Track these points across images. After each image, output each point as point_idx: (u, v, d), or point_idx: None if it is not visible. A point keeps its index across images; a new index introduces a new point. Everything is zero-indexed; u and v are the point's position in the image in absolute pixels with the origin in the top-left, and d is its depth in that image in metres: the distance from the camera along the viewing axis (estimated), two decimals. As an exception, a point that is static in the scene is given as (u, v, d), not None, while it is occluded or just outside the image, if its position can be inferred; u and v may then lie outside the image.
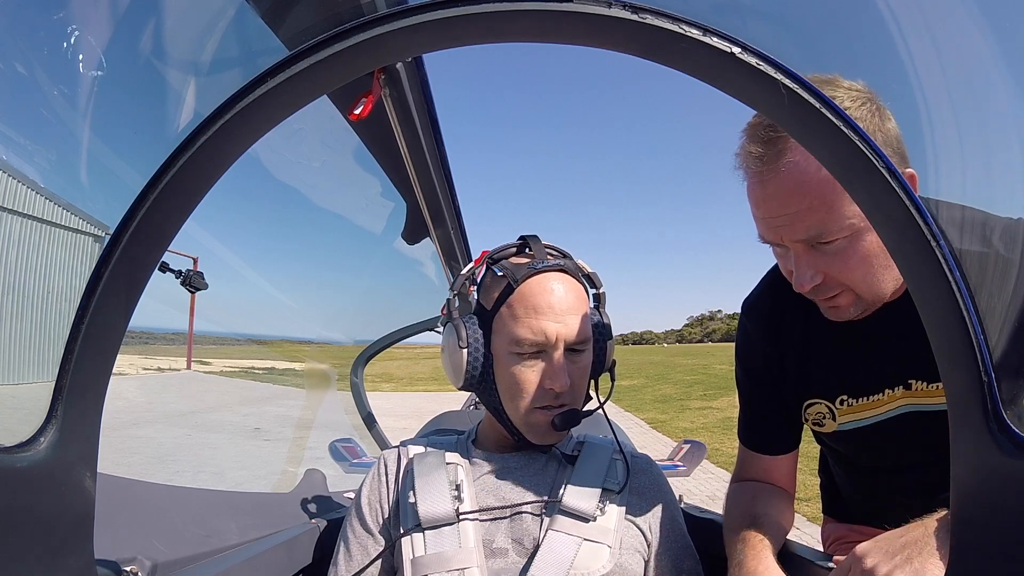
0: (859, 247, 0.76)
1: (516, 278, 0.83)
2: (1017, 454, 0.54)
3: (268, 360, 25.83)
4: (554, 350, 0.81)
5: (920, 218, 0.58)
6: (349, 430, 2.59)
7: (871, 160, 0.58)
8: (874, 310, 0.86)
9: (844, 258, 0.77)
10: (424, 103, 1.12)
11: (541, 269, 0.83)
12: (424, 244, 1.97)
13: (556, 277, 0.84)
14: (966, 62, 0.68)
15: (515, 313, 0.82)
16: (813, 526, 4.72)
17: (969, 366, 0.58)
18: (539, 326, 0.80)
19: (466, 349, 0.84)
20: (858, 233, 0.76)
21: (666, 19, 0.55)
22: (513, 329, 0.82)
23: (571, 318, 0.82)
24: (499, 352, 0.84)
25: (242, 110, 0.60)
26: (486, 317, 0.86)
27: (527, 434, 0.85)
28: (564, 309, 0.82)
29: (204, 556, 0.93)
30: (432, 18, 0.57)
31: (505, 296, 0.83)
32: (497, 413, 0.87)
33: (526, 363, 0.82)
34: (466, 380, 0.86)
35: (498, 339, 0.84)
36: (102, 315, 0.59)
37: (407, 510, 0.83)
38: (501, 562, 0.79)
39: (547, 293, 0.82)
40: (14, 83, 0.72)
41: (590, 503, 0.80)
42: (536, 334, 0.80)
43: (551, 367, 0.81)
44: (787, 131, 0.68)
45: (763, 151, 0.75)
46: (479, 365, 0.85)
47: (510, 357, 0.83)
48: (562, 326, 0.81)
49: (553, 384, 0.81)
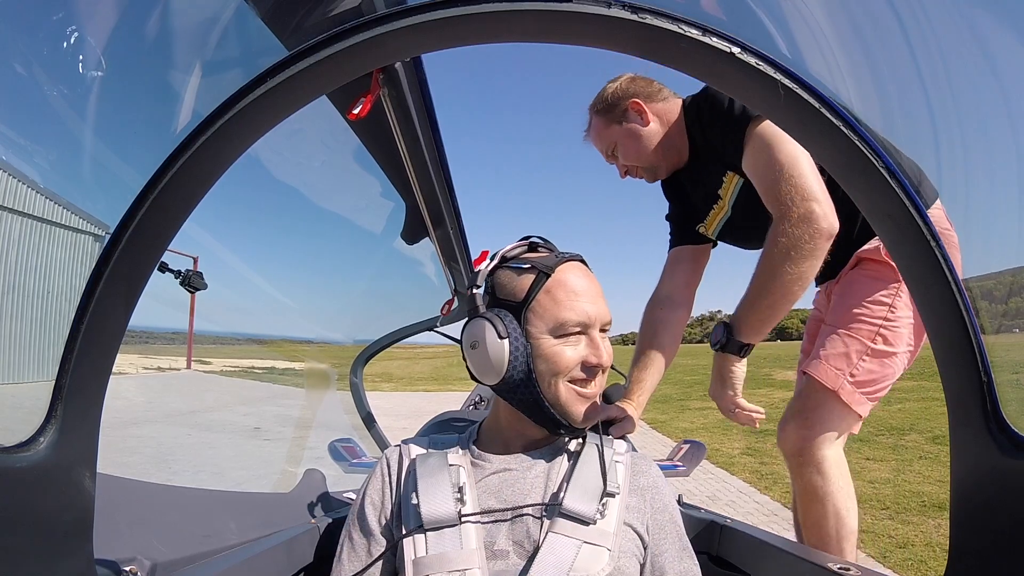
0: (629, 151, 1.55)
1: (549, 266, 0.87)
2: (1016, 454, 0.54)
3: (268, 360, 25.84)
4: (593, 329, 0.87)
5: (920, 218, 0.59)
6: (349, 430, 2.58)
7: (871, 160, 0.58)
8: (676, 168, 1.59)
9: (624, 156, 1.57)
10: (423, 103, 1.12)
11: (569, 258, 0.90)
12: (423, 244, 1.97)
13: (580, 266, 0.91)
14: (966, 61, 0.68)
15: (556, 298, 0.86)
16: (813, 526, 4.72)
17: (969, 366, 0.58)
18: (581, 307, 0.85)
19: (507, 339, 0.83)
20: (625, 144, 1.56)
21: (666, 19, 0.55)
22: (556, 313, 0.85)
23: (602, 301, 0.89)
24: (539, 338, 0.86)
25: (242, 110, 0.60)
26: (517, 308, 0.87)
27: (570, 416, 0.86)
28: (596, 293, 0.88)
29: (204, 556, 0.93)
30: (432, 18, 0.57)
31: (538, 285, 0.86)
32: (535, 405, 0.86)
33: (569, 343, 0.86)
34: (508, 371, 0.84)
35: (538, 325, 0.86)
36: (102, 315, 0.59)
37: (409, 511, 0.83)
38: (502, 564, 0.79)
39: (581, 278, 0.88)
40: (14, 83, 0.72)
41: (590, 506, 0.81)
42: (579, 315, 0.85)
43: (593, 344, 0.87)
44: (787, 131, 0.68)
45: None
46: (520, 355, 0.84)
47: (553, 340, 0.86)
48: (597, 308, 0.87)
49: (599, 359, 0.86)
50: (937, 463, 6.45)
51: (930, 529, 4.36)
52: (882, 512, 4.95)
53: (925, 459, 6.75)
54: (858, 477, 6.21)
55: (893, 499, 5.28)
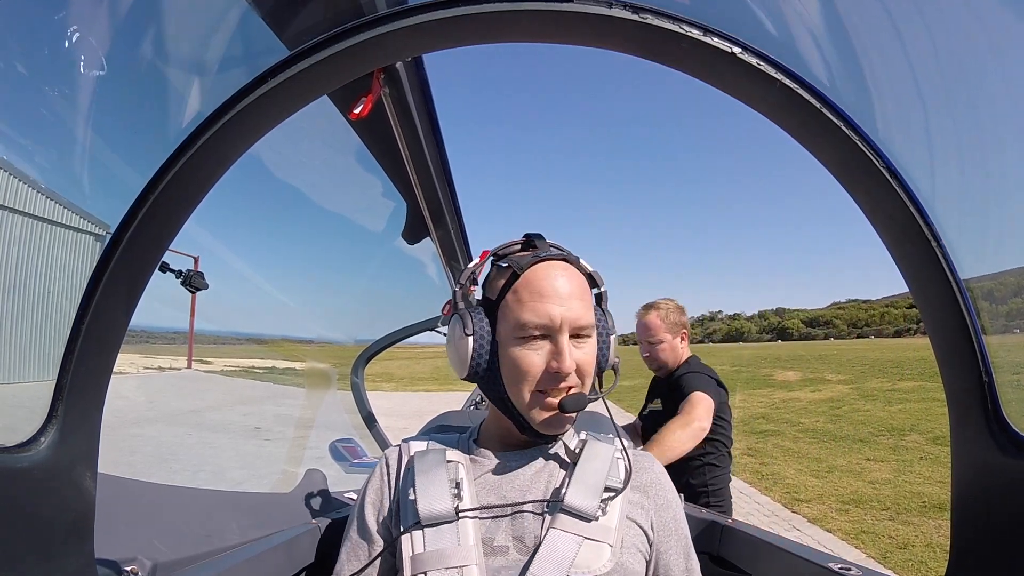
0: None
1: (520, 266, 0.84)
2: (1016, 453, 0.54)
3: (269, 359, 25.83)
4: (559, 334, 0.82)
5: (920, 218, 0.59)
6: (349, 430, 2.58)
7: (871, 160, 0.58)
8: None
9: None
10: (424, 103, 1.12)
11: (544, 257, 0.85)
12: (424, 244, 1.97)
13: (559, 265, 0.86)
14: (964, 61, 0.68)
15: (520, 298, 0.83)
16: (813, 527, 4.72)
17: (969, 366, 0.58)
18: (544, 309, 0.81)
19: (471, 336, 0.85)
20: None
21: (667, 19, 0.55)
22: (518, 314, 0.83)
23: (574, 303, 0.83)
24: (504, 338, 0.85)
25: (243, 110, 0.60)
26: (491, 307, 0.88)
27: (533, 422, 0.84)
28: (567, 294, 0.83)
29: (204, 556, 0.93)
30: (432, 18, 0.57)
31: (510, 284, 0.85)
32: (503, 403, 0.87)
33: (531, 346, 0.82)
34: (471, 368, 0.86)
35: (503, 326, 0.85)
36: (103, 315, 0.59)
37: (407, 507, 0.83)
38: (502, 560, 0.79)
39: (551, 279, 0.83)
40: (15, 83, 0.72)
41: (591, 502, 0.80)
42: (541, 316, 0.81)
43: (556, 349, 0.82)
44: (787, 131, 0.68)
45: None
46: (484, 352, 0.86)
47: (516, 342, 0.83)
48: (566, 310, 0.82)
49: (560, 366, 0.81)
50: (938, 464, 6.44)
51: (931, 530, 4.35)
52: (883, 513, 4.94)
53: (926, 460, 6.74)
54: (859, 478, 6.21)
55: (894, 500, 5.27)
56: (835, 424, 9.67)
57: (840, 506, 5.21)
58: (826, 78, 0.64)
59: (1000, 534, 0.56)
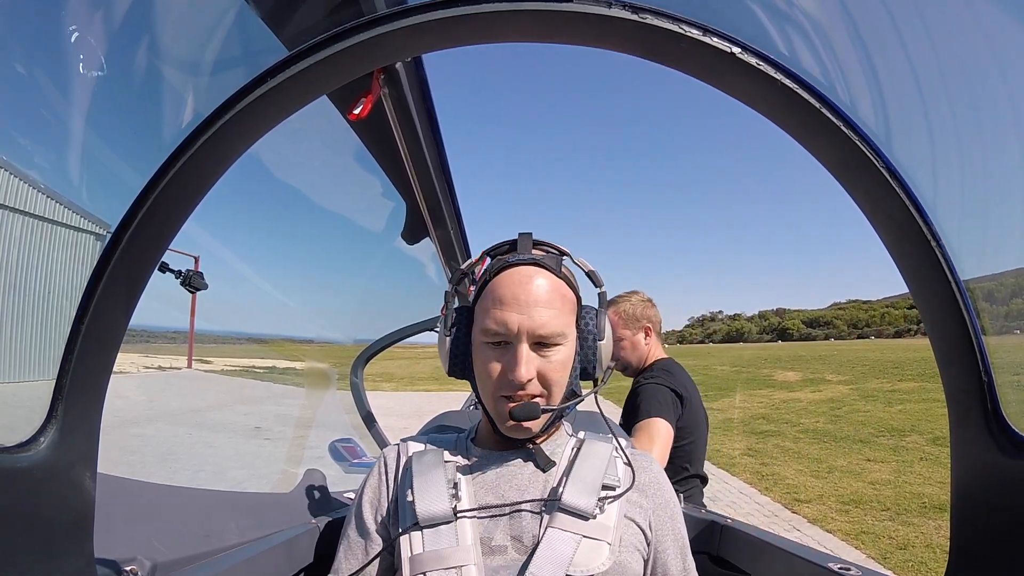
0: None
1: (493, 271, 0.85)
2: (1016, 453, 0.54)
3: (269, 359, 25.84)
4: (518, 342, 0.81)
5: (920, 218, 0.58)
6: (349, 430, 2.58)
7: (871, 160, 0.58)
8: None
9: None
10: (424, 103, 1.12)
11: (514, 263, 0.84)
12: (424, 244, 1.97)
13: (529, 271, 0.83)
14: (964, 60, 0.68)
15: (485, 304, 0.84)
16: (814, 528, 4.72)
17: (969, 366, 0.58)
18: (501, 317, 0.81)
19: (450, 337, 0.90)
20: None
21: (666, 19, 0.55)
22: (482, 320, 0.84)
23: (538, 311, 0.81)
24: (476, 342, 0.87)
25: (242, 110, 0.60)
26: (469, 309, 0.91)
27: (500, 426, 0.85)
28: (530, 302, 0.81)
29: (204, 556, 0.93)
30: (432, 18, 0.57)
31: (482, 288, 0.86)
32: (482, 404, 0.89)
33: (493, 352, 0.83)
34: (450, 366, 0.92)
35: (475, 328, 0.87)
36: (102, 314, 0.59)
37: (405, 508, 0.83)
38: (500, 559, 0.79)
39: (514, 285, 0.82)
40: (15, 83, 0.72)
41: (589, 501, 0.80)
42: (498, 324, 0.81)
43: (513, 358, 0.81)
44: (787, 131, 0.68)
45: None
46: (460, 353, 0.90)
47: (482, 347, 0.85)
48: (525, 318, 0.80)
49: (512, 375, 0.80)
50: (938, 464, 6.44)
51: (930, 530, 4.35)
52: (883, 513, 4.94)
53: (926, 460, 6.74)
54: (859, 478, 6.21)
55: (894, 500, 5.28)
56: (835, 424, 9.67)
57: (840, 506, 5.21)
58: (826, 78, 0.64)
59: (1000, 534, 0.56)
